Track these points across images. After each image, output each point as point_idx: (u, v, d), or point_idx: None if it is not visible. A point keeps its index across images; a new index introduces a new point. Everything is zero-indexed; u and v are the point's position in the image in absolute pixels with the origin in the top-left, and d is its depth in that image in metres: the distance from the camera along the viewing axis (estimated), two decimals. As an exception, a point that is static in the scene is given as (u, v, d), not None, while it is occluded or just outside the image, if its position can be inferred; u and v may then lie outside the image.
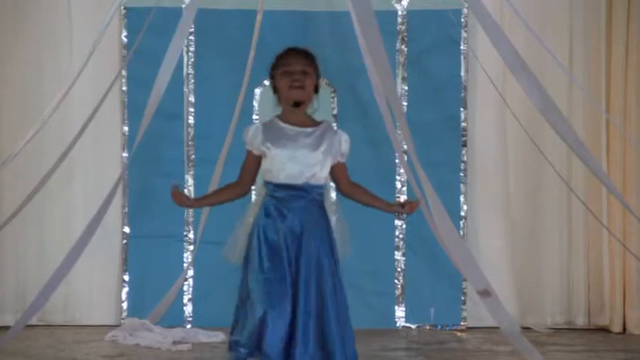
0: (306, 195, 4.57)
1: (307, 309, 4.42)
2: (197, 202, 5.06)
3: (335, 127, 4.74)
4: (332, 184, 4.83)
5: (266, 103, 7.82)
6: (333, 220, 4.65)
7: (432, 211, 6.18)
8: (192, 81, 7.81)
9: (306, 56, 4.71)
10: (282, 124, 4.65)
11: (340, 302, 4.49)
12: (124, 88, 7.75)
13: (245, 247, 4.65)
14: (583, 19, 7.78)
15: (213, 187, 7.44)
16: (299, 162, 4.56)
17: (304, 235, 4.51)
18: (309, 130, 4.63)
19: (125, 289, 7.76)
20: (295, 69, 4.63)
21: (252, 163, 4.73)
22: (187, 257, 7.77)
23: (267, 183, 4.66)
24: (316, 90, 4.70)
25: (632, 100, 7.65)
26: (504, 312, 6.35)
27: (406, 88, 7.81)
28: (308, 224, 4.53)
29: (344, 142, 4.67)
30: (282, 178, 4.58)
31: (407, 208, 4.68)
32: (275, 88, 4.73)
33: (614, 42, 7.68)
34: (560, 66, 6.87)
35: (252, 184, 4.79)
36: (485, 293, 6.04)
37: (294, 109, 4.64)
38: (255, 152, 4.69)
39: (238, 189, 4.81)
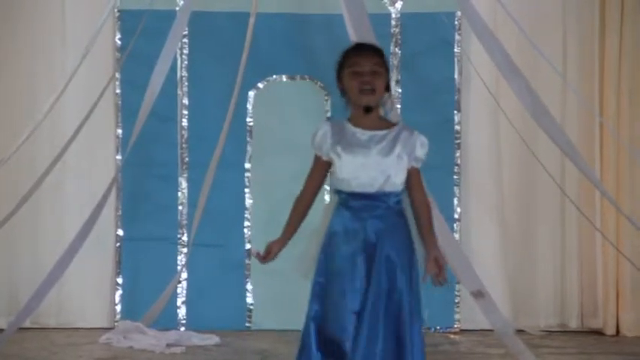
0: (380, 204, 4.26)
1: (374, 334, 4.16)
2: (283, 242, 4.43)
3: (411, 129, 4.39)
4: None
5: (260, 105, 7.83)
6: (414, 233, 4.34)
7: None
8: (186, 83, 7.81)
9: (376, 53, 4.37)
10: (353, 128, 4.31)
11: (415, 330, 4.26)
12: (118, 91, 7.75)
13: (316, 260, 4.34)
14: (576, 21, 7.79)
15: (206, 189, 7.45)
16: (371, 169, 4.24)
17: (378, 246, 4.22)
18: (381, 133, 4.30)
19: (119, 292, 7.75)
20: (365, 69, 4.29)
21: (322, 169, 4.38)
22: (181, 260, 7.77)
23: (338, 191, 4.34)
24: (387, 88, 4.37)
25: (626, 104, 7.66)
26: (498, 313, 6.36)
27: (400, 90, 7.82)
28: (384, 235, 4.23)
29: (420, 145, 4.34)
30: (354, 187, 4.27)
31: (436, 276, 4.33)
32: (342, 90, 4.37)
33: (607, 45, 7.69)
34: (555, 70, 6.88)
35: (318, 193, 4.44)
36: (479, 294, 6.05)
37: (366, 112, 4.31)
38: (325, 158, 4.34)
39: (308, 196, 4.43)
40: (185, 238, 7.77)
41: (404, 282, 4.23)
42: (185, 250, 7.76)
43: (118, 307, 7.73)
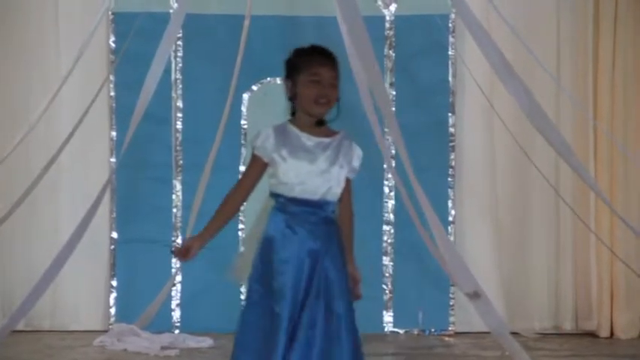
0: (319, 211, 4.17)
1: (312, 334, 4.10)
2: (203, 238, 4.50)
3: (350, 140, 4.29)
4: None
5: (254, 107, 7.83)
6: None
7: (426, 215, 6.19)
8: (180, 86, 7.81)
9: (336, 65, 4.27)
10: (299, 132, 4.20)
11: (353, 327, 4.15)
12: (112, 93, 7.75)
13: (251, 264, 4.29)
14: (570, 23, 7.81)
15: (200, 192, 7.44)
16: (316, 176, 4.15)
17: (318, 254, 4.13)
18: (327, 140, 4.21)
19: (113, 295, 7.75)
20: (325, 81, 4.19)
21: (259, 171, 4.27)
22: (175, 262, 7.76)
23: (276, 195, 4.25)
24: (337, 98, 4.25)
25: (620, 105, 7.68)
26: (495, 314, 6.35)
27: (394, 93, 7.82)
28: (322, 242, 4.15)
29: (356, 157, 4.26)
30: (297, 192, 4.16)
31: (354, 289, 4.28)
32: (292, 91, 4.25)
33: (601, 46, 7.70)
34: (549, 75, 6.89)
35: (251, 192, 4.37)
36: (475, 295, 6.04)
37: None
38: (265, 159, 4.21)
39: (240, 197, 4.40)
40: (179, 240, 7.77)
41: (342, 306, 4.14)
42: (179, 252, 7.74)
43: (113, 310, 7.73)
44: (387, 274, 7.81)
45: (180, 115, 7.82)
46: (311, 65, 4.24)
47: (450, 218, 7.79)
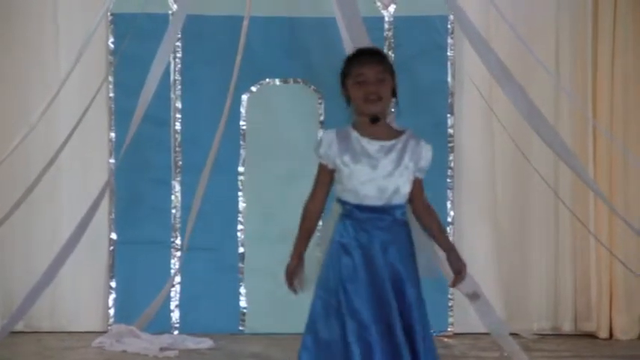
0: (386, 216, 4.16)
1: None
2: (299, 258, 4.30)
3: (418, 138, 4.29)
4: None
5: (253, 109, 7.83)
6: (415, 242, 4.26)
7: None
8: (180, 87, 7.80)
9: (380, 60, 4.26)
10: (361, 137, 4.18)
11: (427, 335, 4.16)
12: (111, 95, 7.74)
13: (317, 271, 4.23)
14: (569, 24, 7.80)
15: (199, 193, 7.44)
16: (380, 181, 4.13)
17: (383, 258, 4.12)
18: (390, 143, 4.19)
19: (112, 296, 7.74)
20: (369, 79, 4.18)
21: (328, 178, 4.23)
22: (174, 263, 7.76)
23: (343, 202, 4.21)
24: (394, 94, 4.28)
25: (619, 106, 7.67)
26: (493, 314, 6.36)
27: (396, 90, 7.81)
28: (389, 246, 4.14)
29: (425, 156, 4.25)
30: (360, 198, 4.15)
31: (455, 278, 4.33)
32: (348, 98, 4.24)
33: (600, 47, 7.69)
34: (548, 72, 6.89)
35: (327, 199, 4.29)
36: (475, 296, 6.05)
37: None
38: (330, 166, 4.19)
39: (318, 208, 4.27)
40: (179, 241, 7.76)
41: (413, 296, 4.16)
42: (179, 253, 7.75)
43: (112, 311, 7.72)
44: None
45: (179, 116, 7.81)
46: (354, 67, 4.23)
47: (449, 219, 7.79)
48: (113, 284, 7.75)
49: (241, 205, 7.84)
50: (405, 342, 4.08)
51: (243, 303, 7.79)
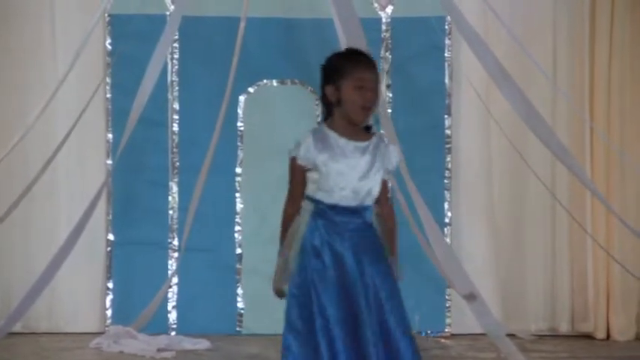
0: (358, 217, 4.17)
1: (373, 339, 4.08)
2: (286, 263, 4.24)
3: (385, 140, 4.30)
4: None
5: (250, 109, 7.83)
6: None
7: (421, 217, 6.21)
8: (177, 88, 7.80)
9: (376, 68, 4.24)
10: (338, 137, 4.19)
11: (405, 328, 4.20)
12: (108, 96, 7.74)
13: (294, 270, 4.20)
14: (566, 25, 7.81)
15: (197, 194, 7.44)
16: (356, 182, 4.13)
17: (359, 261, 4.12)
18: (364, 144, 4.18)
19: (109, 297, 7.74)
20: (371, 86, 4.15)
21: (304, 177, 4.22)
22: (172, 264, 7.76)
23: (315, 201, 4.20)
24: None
25: (616, 108, 7.68)
26: (490, 316, 6.37)
27: (390, 95, 7.82)
28: (362, 249, 4.14)
29: (394, 159, 4.25)
30: (336, 199, 4.14)
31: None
32: (337, 97, 4.21)
33: (597, 48, 7.70)
34: (546, 77, 6.90)
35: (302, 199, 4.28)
36: (471, 297, 6.06)
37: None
38: (309, 167, 4.19)
39: (297, 208, 4.25)
40: (176, 242, 7.76)
41: (387, 293, 4.17)
42: (176, 254, 7.75)
43: (109, 312, 7.72)
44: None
45: (176, 117, 7.81)
46: (357, 70, 4.19)
47: (446, 220, 7.79)
48: (110, 285, 7.75)
49: (239, 206, 7.84)
50: (379, 341, 4.09)
51: (240, 304, 7.79)
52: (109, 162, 7.66)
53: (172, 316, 7.74)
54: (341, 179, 4.13)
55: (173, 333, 7.66)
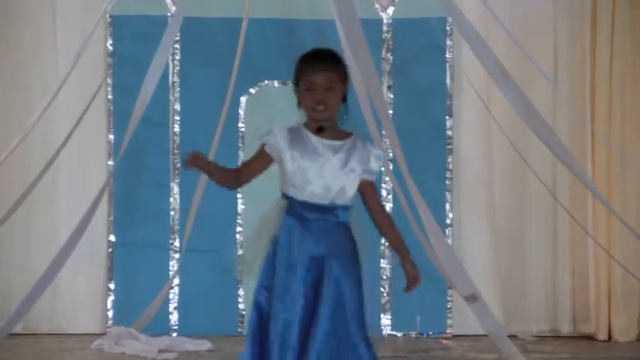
0: (330, 216, 4.14)
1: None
2: (208, 165, 4.39)
3: (364, 141, 4.27)
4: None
5: (252, 110, 7.83)
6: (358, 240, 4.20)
7: (422, 217, 6.20)
8: (178, 89, 7.81)
9: (332, 66, 4.25)
10: (311, 135, 4.19)
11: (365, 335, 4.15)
12: (110, 97, 7.74)
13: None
14: (567, 26, 7.81)
15: (198, 195, 7.44)
16: (327, 179, 4.12)
17: (325, 260, 4.09)
18: (339, 143, 4.18)
19: (111, 298, 7.74)
20: (318, 86, 4.20)
21: (262, 165, 4.27)
22: (173, 265, 7.76)
23: (288, 197, 4.19)
24: (344, 99, 4.25)
25: (617, 108, 7.68)
26: (492, 317, 6.36)
27: (391, 96, 7.82)
28: (332, 250, 4.11)
29: (374, 158, 4.22)
30: (306, 196, 4.13)
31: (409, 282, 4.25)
32: (297, 99, 4.30)
33: (598, 49, 7.70)
34: (548, 80, 6.90)
35: (245, 183, 4.37)
36: (472, 298, 6.05)
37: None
38: (273, 155, 4.20)
39: (235, 182, 4.36)
40: (177, 243, 7.76)
41: (349, 300, 4.11)
42: (177, 255, 7.75)
43: (110, 313, 7.72)
44: (384, 277, 7.80)
45: (177, 118, 7.81)
46: (305, 73, 4.27)
47: (448, 221, 7.79)
48: (112, 286, 7.75)
49: (240, 208, 7.84)
50: (332, 341, 4.07)
51: (241, 305, 7.79)
52: (111, 163, 7.67)
53: (174, 317, 7.74)
54: (311, 176, 4.13)
55: (174, 334, 7.67)
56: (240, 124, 7.82)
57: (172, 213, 7.80)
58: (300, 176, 4.15)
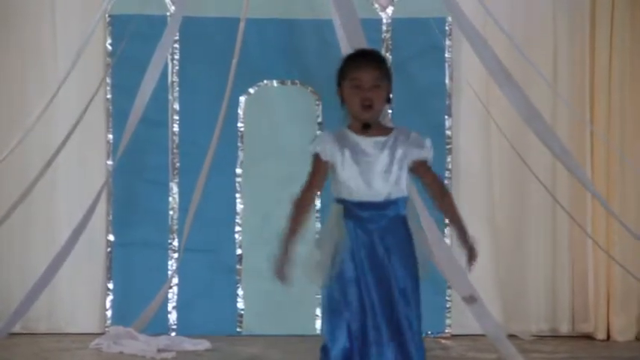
0: (387, 213, 4.19)
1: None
2: (289, 256, 4.25)
3: (407, 130, 4.34)
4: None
5: (250, 110, 7.83)
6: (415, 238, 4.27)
7: (421, 217, 6.19)
8: (177, 89, 7.80)
9: (378, 64, 4.27)
10: (356, 137, 4.22)
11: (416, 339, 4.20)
12: (109, 96, 7.74)
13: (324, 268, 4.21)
14: (566, 26, 7.81)
15: (197, 194, 7.44)
16: (378, 177, 4.17)
17: (388, 262, 4.17)
18: (383, 139, 4.22)
19: (109, 297, 7.74)
20: (366, 84, 4.20)
21: (324, 170, 4.25)
22: (172, 265, 7.76)
23: (342, 201, 4.23)
24: (388, 99, 4.30)
25: (616, 109, 7.68)
26: (490, 318, 6.37)
27: (391, 95, 7.81)
28: (392, 249, 4.18)
29: (418, 141, 4.28)
30: (361, 196, 4.18)
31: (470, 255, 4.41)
32: (342, 99, 4.26)
33: (597, 49, 7.70)
34: (547, 83, 6.90)
35: (320, 191, 4.33)
36: (471, 299, 6.06)
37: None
38: (329, 160, 4.21)
39: (311, 197, 4.33)
40: (176, 243, 7.76)
41: (408, 291, 4.20)
42: (176, 255, 7.75)
43: (109, 313, 7.72)
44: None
45: (176, 117, 7.81)
46: (350, 70, 4.25)
47: (447, 221, 7.78)
48: (110, 286, 7.75)
49: (239, 207, 7.84)
50: (391, 340, 4.15)
51: (240, 304, 7.79)
52: (110, 162, 7.67)
53: (172, 317, 7.74)
54: (362, 177, 4.17)
55: (173, 333, 7.66)
56: (239, 124, 7.82)
57: (171, 212, 7.80)
58: (352, 178, 4.18)
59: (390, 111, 7.66)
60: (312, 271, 4.24)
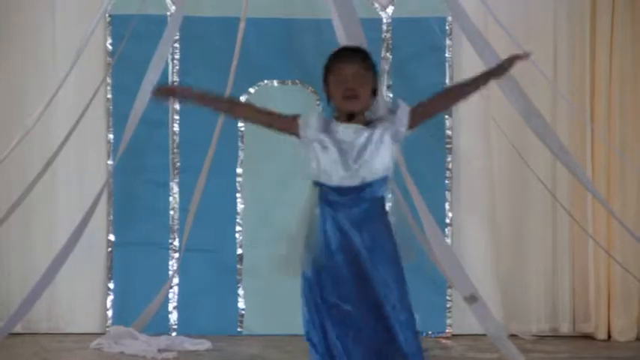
0: (364, 195, 4.17)
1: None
2: (192, 95, 4.64)
3: (392, 111, 4.34)
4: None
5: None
6: (393, 221, 4.25)
7: (421, 217, 6.20)
8: (177, 88, 7.79)
9: (361, 58, 4.29)
10: (338, 123, 4.23)
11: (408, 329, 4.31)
12: (109, 96, 7.74)
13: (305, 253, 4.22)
14: (567, 26, 7.81)
15: (197, 194, 7.45)
16: (356, 162, 4.16)
17: (366, 251, 4.16)
18: (365, 127, 4.22)
19: (110, 297, 7.74)
20: (347, 76, 4.23)
21: (283, 124, 4.40)
22: (172, 265, 7.76)
23: (319, 184, 4.22)
24: (374, 92, 4.29)
25: (616, 108, 7.68)
26: (491, 317, 6.36)
27: (391, 95, 7.82)
28: (369, 237, 4.17)
29: (391, 112, 4.30)
30: (338, 180, 4.17)
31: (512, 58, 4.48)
32: (329, 95, 4.30)
33: (597, 48, 7.70)
34: (548, 81, 6.89)
35: (244, 119, 4.50)
36: (472, 299, 6.05)
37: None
38: (300, 131, 4.28)
39: (240, 111, 4.70)
40: (177, 243, 7.76)
41: (388, 276, 4.24)
42: (177, 255, 7.75)
43: (110, 312, 7.72)
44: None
45: (177, 117, 7.81)
46: (333, 65, 4.30)
47: (447, 220, 7.79)
48: (111, 286, 7.75)
49: (239, 207, 7.84)
50: (376, 320, 4.21)
51: (241, 304, 7.79)
52: (110, 162, 7.67)
53: (173, 317, 7.74)
54: (340, 161, 4.17)
55: (174, 333, 7.67)
56: (239, 124, 7.82)
57: (172, 212, 7.80)
58: (330, 162, 4.18)
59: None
60: (289, 263, 4.25)
